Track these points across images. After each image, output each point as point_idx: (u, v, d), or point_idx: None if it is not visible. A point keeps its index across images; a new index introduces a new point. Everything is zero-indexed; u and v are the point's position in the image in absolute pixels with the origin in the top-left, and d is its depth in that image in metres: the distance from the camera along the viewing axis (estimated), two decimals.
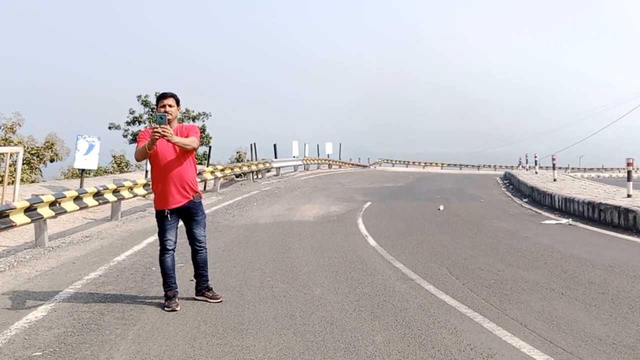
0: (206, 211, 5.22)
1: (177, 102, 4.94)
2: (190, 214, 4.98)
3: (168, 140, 4.66)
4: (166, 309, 4.77)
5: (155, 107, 5.14)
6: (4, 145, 19.72)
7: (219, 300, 5.00)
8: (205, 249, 5.13)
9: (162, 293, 4.94)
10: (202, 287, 5.11)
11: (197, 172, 5.22)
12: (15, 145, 19.58)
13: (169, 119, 4.76)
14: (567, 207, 11.99)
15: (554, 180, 17.60)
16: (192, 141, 4.82)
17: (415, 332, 4.14)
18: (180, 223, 5.05)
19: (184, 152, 4.84)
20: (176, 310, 4.74)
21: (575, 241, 8.35)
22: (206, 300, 5.02)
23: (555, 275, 5.98)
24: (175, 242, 4.98)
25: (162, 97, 4.90)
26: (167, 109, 4.81)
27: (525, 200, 15.12)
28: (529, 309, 4.74)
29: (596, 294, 5.21)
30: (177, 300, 4.88)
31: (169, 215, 4.88)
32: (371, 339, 4.01)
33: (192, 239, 5.06)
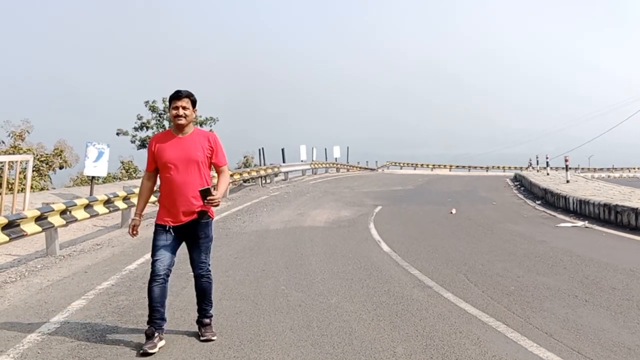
0: (216, 217, 4.87)
1: (194, 103, 4.18)
2: (195, 235, 4.21)
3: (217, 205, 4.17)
4: (140, 351, 3.90)
5: (168, 108, 4.44)
6: (14, 152, 19.78)
7: (206, 339, 4.16)
8: (208, 277, 4.28)
9: (177, 302, 4.82)
10: (200, 319, 4.29)
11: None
12: (25, 152, 19.63)
13: (183, 124, 4.10)
14: (582, 209, 11.80)
15: (567, 181, 17.38)
16: (227, 178, 4.42)
17: (437, 343, 4.02)
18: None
19: (198, 166, 4.15)
20: (149, 354, 3.85)
21: (593, 244, 8.19)
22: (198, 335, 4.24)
23: (576, 280, 5.84)
24: (169, 268, 4.11)
25: (175, 97, 4.11)
26: (181, 111, 4.08)
27: (539, 202, 14.93)
28: (553, 317, 4.60)
29: (620, 300, 5.07)
30: (155, 340, 3.95)
31: (171, 230, 4.18)
32: (392, 350, 3.90)
33: (193, 265, 4.29)
